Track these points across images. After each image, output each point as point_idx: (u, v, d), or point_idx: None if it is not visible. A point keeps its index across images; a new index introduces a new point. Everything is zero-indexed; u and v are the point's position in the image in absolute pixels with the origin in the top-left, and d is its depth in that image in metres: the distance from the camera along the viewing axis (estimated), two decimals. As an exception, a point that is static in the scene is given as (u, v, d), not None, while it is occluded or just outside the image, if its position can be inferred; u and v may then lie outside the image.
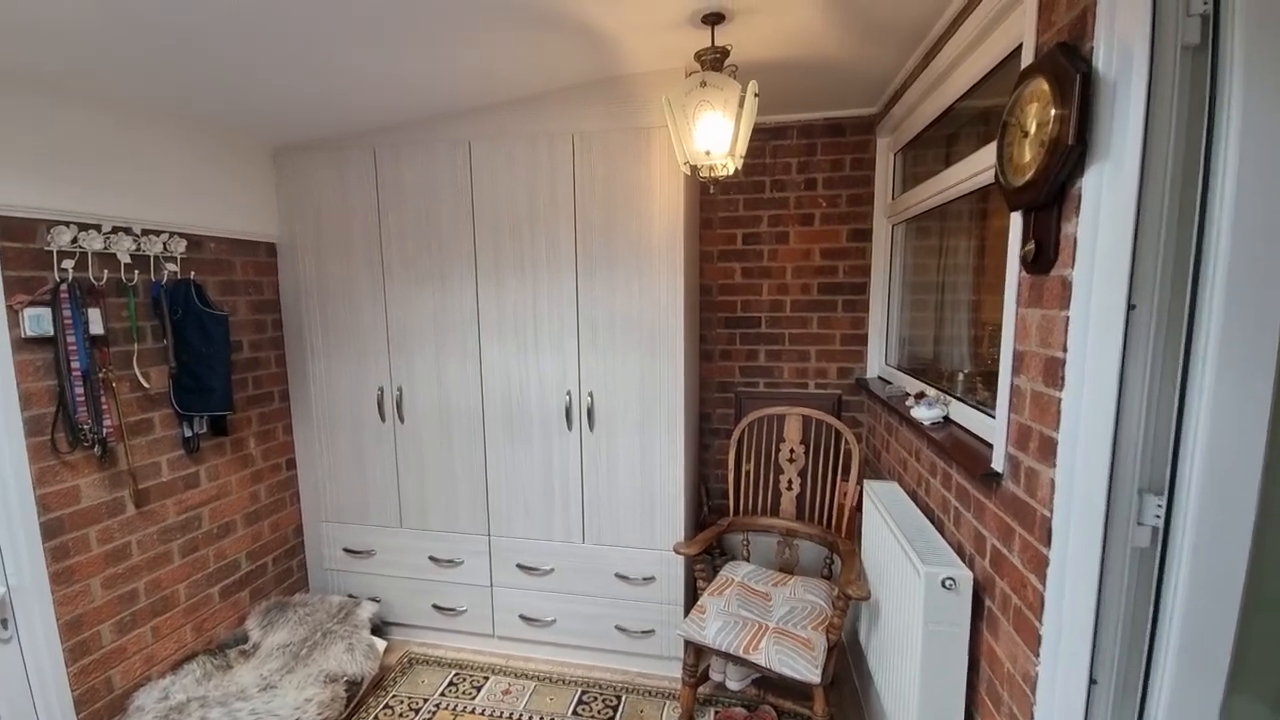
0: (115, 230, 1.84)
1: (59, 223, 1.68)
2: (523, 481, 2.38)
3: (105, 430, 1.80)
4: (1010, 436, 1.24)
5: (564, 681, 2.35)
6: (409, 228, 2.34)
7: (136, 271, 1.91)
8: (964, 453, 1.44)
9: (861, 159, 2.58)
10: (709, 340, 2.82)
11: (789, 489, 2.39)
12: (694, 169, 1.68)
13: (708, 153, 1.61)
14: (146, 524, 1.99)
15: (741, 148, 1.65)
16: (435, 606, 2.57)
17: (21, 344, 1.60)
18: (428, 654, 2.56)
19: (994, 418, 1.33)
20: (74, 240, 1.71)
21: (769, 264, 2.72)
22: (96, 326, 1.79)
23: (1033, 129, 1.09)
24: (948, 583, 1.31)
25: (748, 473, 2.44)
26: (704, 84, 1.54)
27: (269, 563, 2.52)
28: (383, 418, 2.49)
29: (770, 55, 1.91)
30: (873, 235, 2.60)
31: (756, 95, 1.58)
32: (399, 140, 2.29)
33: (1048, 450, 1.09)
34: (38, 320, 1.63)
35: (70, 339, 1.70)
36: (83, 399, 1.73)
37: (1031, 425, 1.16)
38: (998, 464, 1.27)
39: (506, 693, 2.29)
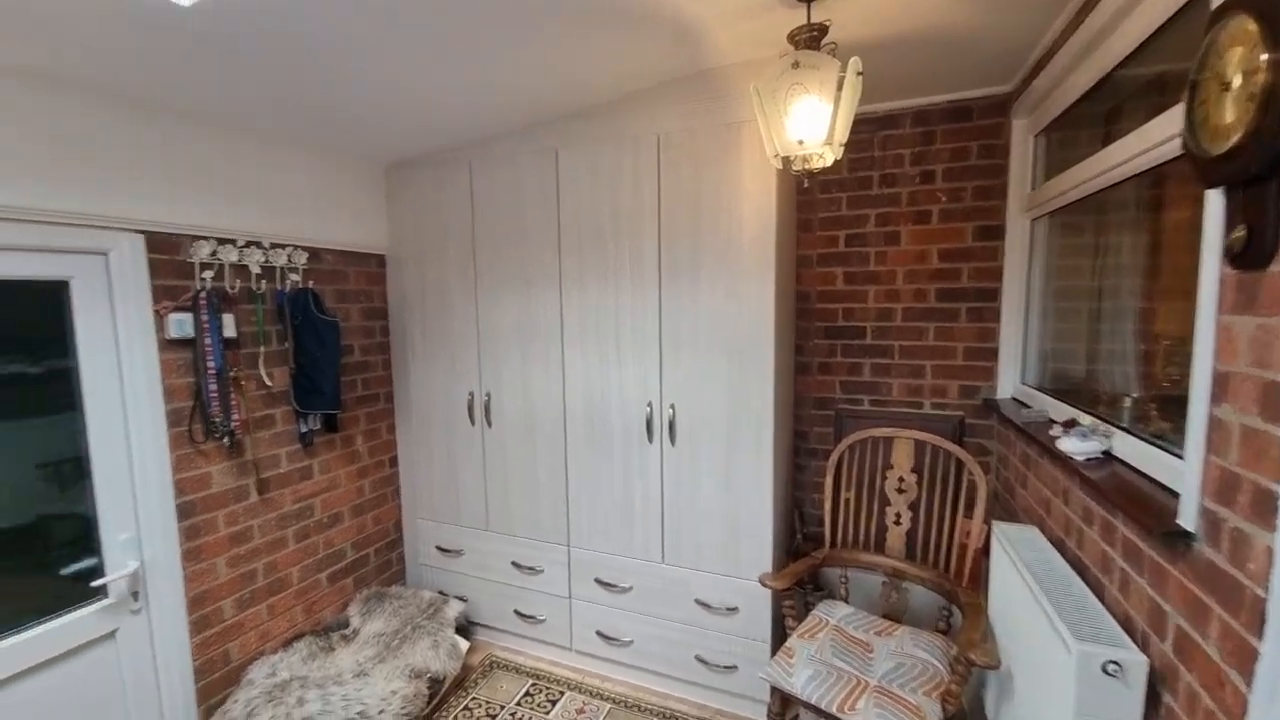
0: (248, 244, 2.04)
1: (200, 237, 1.89)
2: (602, 494, 2.32)
3: (234, 424, 1.99)
4: (1207, 485, 0.94)
5: (640, 708, 2.23)
6: (499, 237, 2.39)
7: (264, 281, 2.11)
8: (1134, 500, 1.13)
9: (992, 145, 2.23)
10: (806, 352, 2.59)
11: (897, 523, 2.10)
12: (786, 161, 1.52)
13: (801, 142, 1.44)
14: (266, 510, 2.18)
15: (841, 134, 1.46)
16: (517, 612, 2.58)
17: (166, 345, 1.81)
18: (508, 659, 2.58)
19: (1180, 458, 1.02)
20: (213, 253, 1.92)
21: (876, 268, 2.44)
22: (229, 330, 1.99)
23: (1236, 81, 0.82)
24: (1111, 668, 1.02)
25: (848, 501, 2.18)
26: (797, 65, 1.38)
27: (371, 554, 2.68)
28: (472, 421, 2.56)
29: (877, 32, 1.69)
30: (1005, 233, 2.23)
31: (860, 74, 1.39)
32: (490, 153, 2.36)
33: (1266, 508, 0.80)
34: (180, 324, 1.84)
35: (207, 341, 1.90)
36: (216, 395, 1.93)
37: (1240, 472, 0.86)
38: (1187, 520, 0.97)
39: (580, 712, 2.22)
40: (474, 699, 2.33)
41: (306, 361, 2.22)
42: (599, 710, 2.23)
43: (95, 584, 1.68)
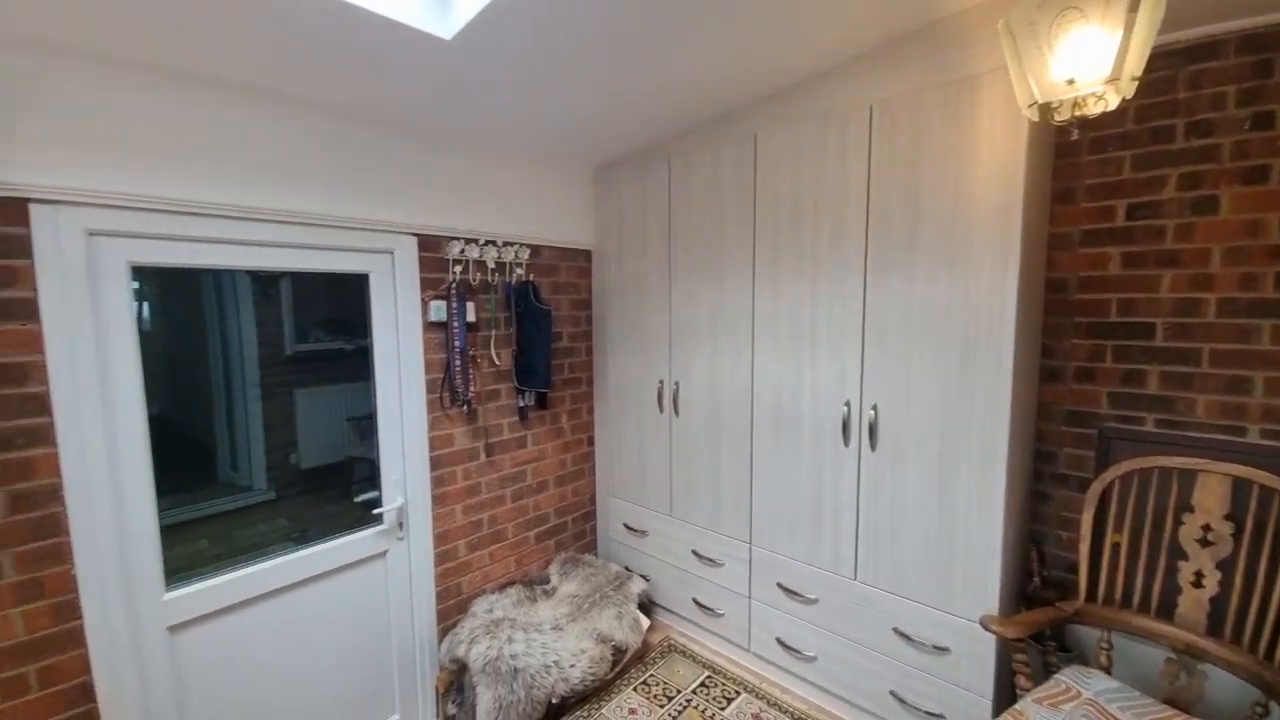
0: (487, 243, 2.40)
1: (453, 238, 2.28)
2: (788, 495, 2.19)
3: (471, 394, 2.36)
4: None
5: (821, 730, 2.07)
6: (693, 230, 2.41)
7: (496, 274, 2.46)
8: None
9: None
10: (1056, 354, 2.09)
11: (1196, 585, 1.58)
12: (1045, 111, 1.23)
13: (1071, 82, 1.14)
14: (491, 471, 2.55)
15: (1135, 66, 1.12)
16: (696, 601, 2.60)
17: (427, 327, 2.23)
18: (686, 646, 2.61)
19: None
20: (461, 250, 2.29)
21: (1176, 245, 1.85)
22: (471, 316, 2.36)
23: None
24: None
25: (1117, 546, 1.71)
26: (1069, -15, 1.10)
27: (569, 521, 2.95)
28: (661, 409, 2.64)
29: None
30: None
31: (1169, -18, 1.05)
32: (687, 145, 2.39)
33: None
34: (438, 310, 2.24)
35: (455, 325, 2.28)
36: (459, 369, 2.31)
37: None
38: None
39: (757, 717, 2.14)
40: (652, 676, 2.41)
41: (526, 345, 2.53)
42: (774, 719, 2.12)
43: (376, 511, 2.14)
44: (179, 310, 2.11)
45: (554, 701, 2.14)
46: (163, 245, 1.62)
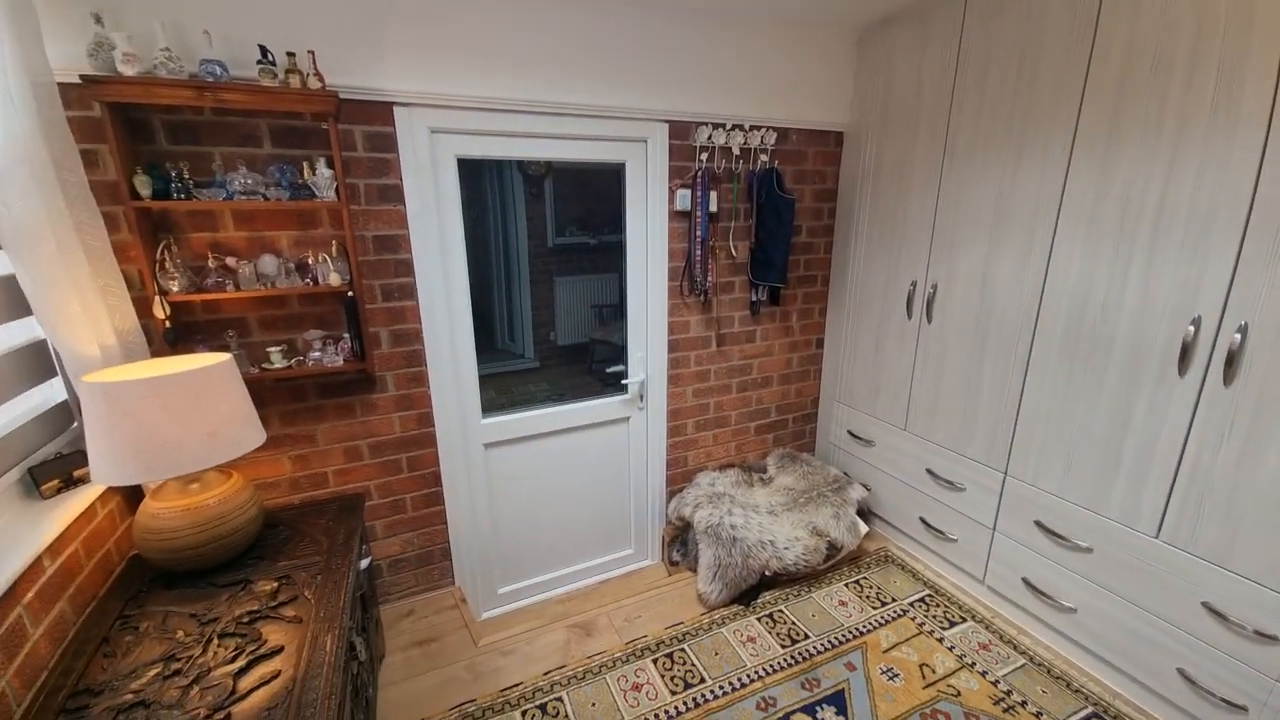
0: (734, 127, 2.31)
1: (701, 124, 2.24)
2: (1074, 426, 1.83)
3: (708, 285, 2.43)
4: None
5: (1068, 685, 1.85)
6: (988, 93, 1.95)
7: (740, 162, 2.38)
8: None
9: None
10: None
11: None
12: None
13: None
14: (720, 360, 2.65)
15: None
16: (923, 520, 2.45)
17: (672, 215, 2.30)
18: (905, 560, 2.52)
19: None
20: (709, 137, 2.26)
21: None
22: (713, 206, 2.36)
23: None
24: None
25: None
26: None
27: (789, 420, 2.97)
28: (909, 315, 2.38)
29: None
30: None
31: None
32: (1001, -22, 1.87)
33: None
34: (683, 198, 2.29)
35: (698, 214, 2.32)
36: (699, 259, 2.37)
37: None
38: None
39: (985, 648, 2.01)
40: (865, 579, 2.41)
41: (765, 237, 2.46)
42: (1008, 657, 1.96)
43: (623, 383, 2.44)
44: (471, 205, 2.55)
45: (767, 574, 2.30)
46: (478, 140, 1.93)
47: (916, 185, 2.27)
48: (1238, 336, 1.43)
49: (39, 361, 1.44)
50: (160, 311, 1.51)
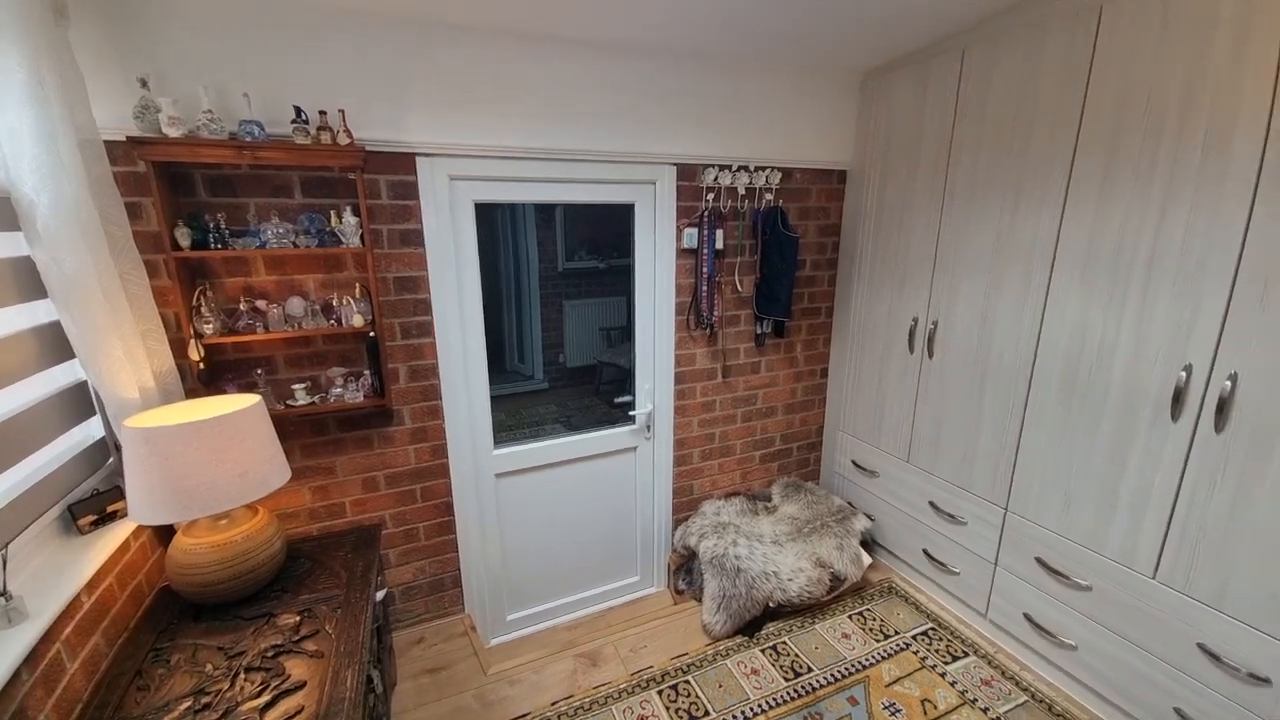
0: (739, 168, 2.40)
1: (709, 165, 2.33)
2: (1071, 466, 1.87)
3: (714, 319, 2.50)
4: None
5: (1067, 720, 1.87)
6: (986, 138, 2.02)
7: (745, 200, 2.46)
8: None
9: None
10: None
11: None
12: None
13: None
14: (725, 391, 2.71)
15: None
16: (926, 553, 2.48)
17: (679, 253, 2.38)
18: (909, 592, 2.55)
19: None
20: (715, 178, 2.34)
21: None
22: (719, 243, 2.44)
23: None
24: None
25: None
26: None
27: (794, 449, 3.02)
28: (911, 349, 2.43)
29: None
30: None
31: None
32: (994, 33, 1.95)
33: None
34: (690, 237, 2.37)
35: (705, 251, 2.40)
36: (706, 294, 2.45)
37: None
38: None
39: (986, 683, 2.03)
40: (869, 610, 2.44)
41: (769, 272, 2.54)
42: (1009, 693, 1.98)
43: (631, 414, 2.50)
44: (484, 233, 2.66)
45: (770, 605, 2.34)
46: (494, 186, 2.02)
47: (918, 223, 2.34)
48: (1228, 384, 1.48)
49: (80, 401, 1.53)
50: (195, 354, 1.60)
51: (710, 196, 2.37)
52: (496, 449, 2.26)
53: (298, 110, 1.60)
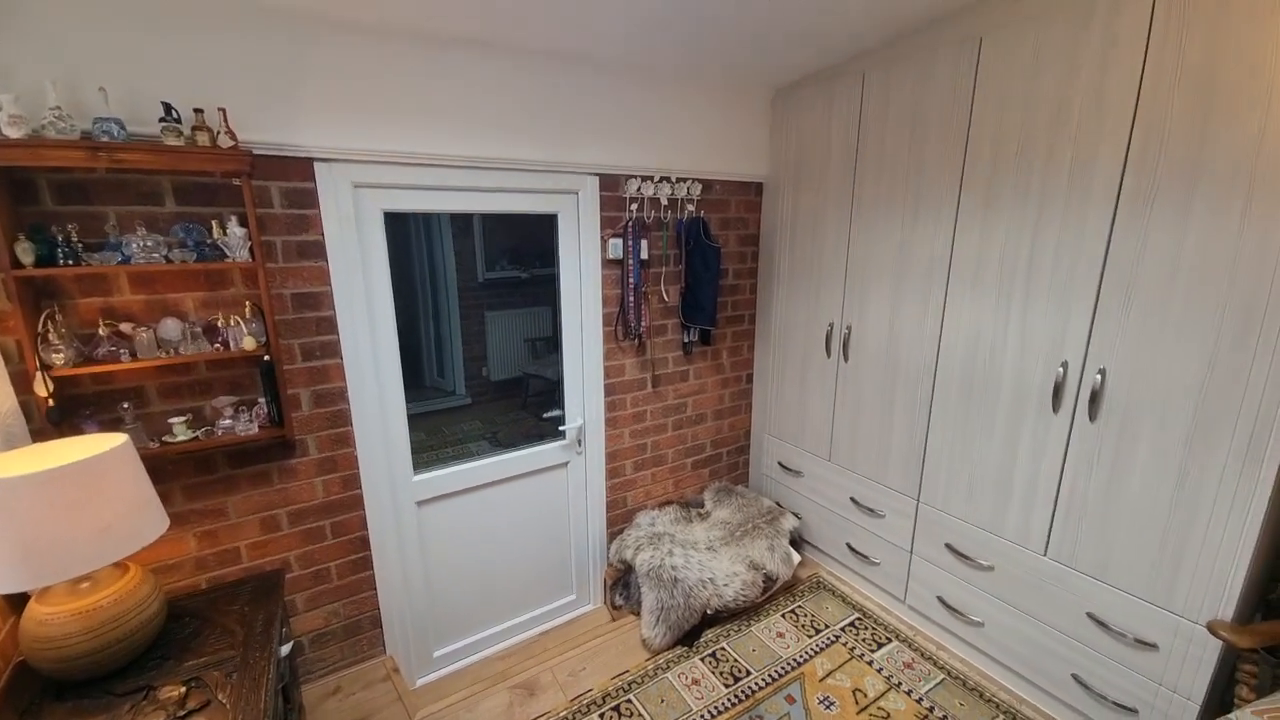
0: (662, 179, 2.41)
1: (631, 176, 2.32)
2: (971, 458, 2.03)
3: (642, 329, 2.49)
4: None
5: (981, 695, 2.02)
6: (886, 155, 2.17)
7: (669, 211, 2.48)
8: None
9: None
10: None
11: None
12: None
13: None
14: (656, 400, 2.71)
15: None
16: (849, 546, 2.60)
17: (605, 264, 2.36)
18: (835, 585, 2.66)
19: None
20: (638, 188, 2.34)
21: None
22: (645, 254, 2.44)
23: None
24: None
25: None
26: None
27: (724, 454, 3.07)
28: (828, 353, 2.55)
29: None
30: None
31: None
32: (890, 57, 2.10)
33: None
34: (615, 247, 2.35)
35: (630, 262, 2.38)
36: (633, 305, 2.44)
37: None
38: None
39: (909, 666, 2.15)
40: (800, 607, 2.52)
41: (694, 282, 2.57)
42: (929, 674, 2.11)
43: (561, 429, 2.43)
44: (396, 242, 2.50)
45: (708, 612, 2.35)
46: (405, 194, 1.90)
47: (830, 235, 2.46)
48: (1098, 378, 1.66)
49: (-118, 453, 1.25)
50: (43, 389, 1.36)
51: (634, 207, 2.36)
52: (417, 474, 2.11)
53: (167, 107, 1.41)
